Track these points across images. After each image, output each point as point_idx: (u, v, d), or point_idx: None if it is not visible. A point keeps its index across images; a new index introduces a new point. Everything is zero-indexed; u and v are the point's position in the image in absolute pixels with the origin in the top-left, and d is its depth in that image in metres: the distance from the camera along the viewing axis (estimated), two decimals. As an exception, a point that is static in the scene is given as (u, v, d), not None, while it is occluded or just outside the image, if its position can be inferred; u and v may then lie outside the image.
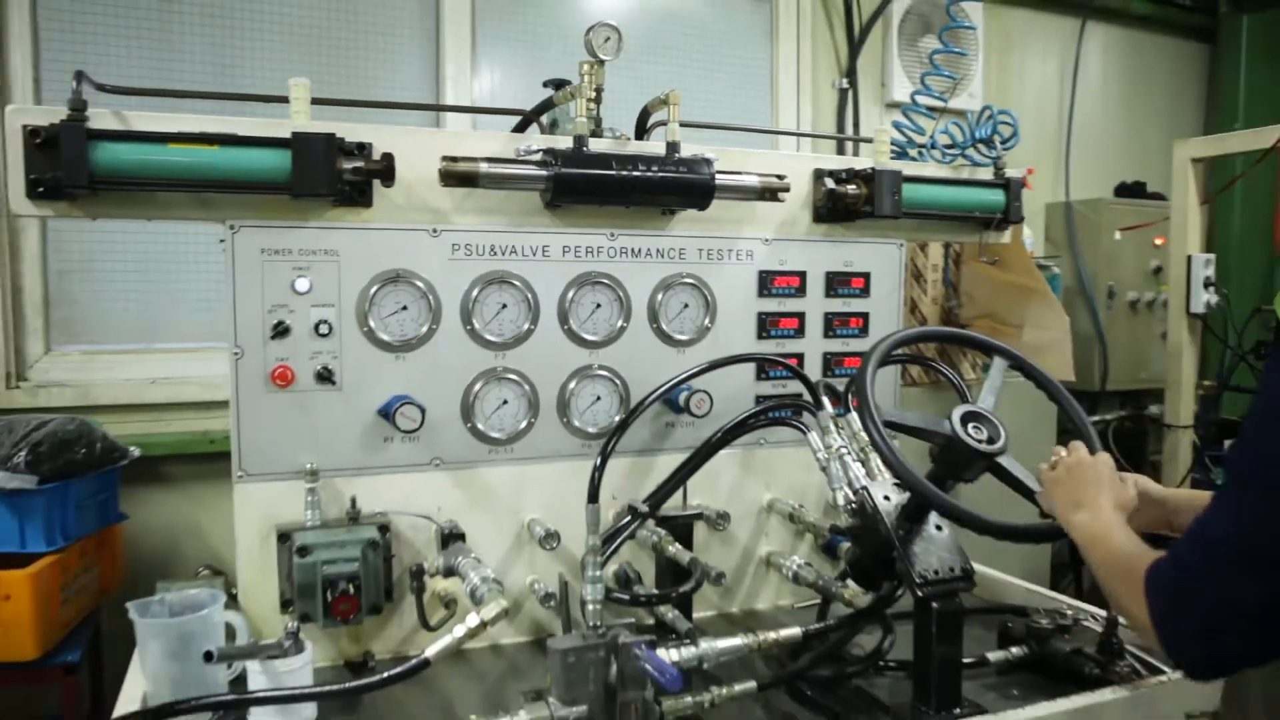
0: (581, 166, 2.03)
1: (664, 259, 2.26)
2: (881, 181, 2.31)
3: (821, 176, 2.35)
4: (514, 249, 2.11)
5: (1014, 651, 1.96)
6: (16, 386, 2.99)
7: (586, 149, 2.05)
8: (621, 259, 2.22)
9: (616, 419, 2.21)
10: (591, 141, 2.08)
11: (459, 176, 1.96)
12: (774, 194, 2.25)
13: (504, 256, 2.11)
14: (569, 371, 2.19)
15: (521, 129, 2.35)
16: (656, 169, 2.09)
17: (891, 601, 1.86)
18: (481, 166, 1.97)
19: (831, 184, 2.34)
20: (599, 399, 2.22)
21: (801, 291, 2.40)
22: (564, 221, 2.16)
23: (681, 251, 2.27)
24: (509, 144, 2.08)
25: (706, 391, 2.19)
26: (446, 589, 1.99)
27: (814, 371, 2.41)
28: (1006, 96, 4.68)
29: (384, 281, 2.01)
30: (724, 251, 2.31)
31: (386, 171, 1.91)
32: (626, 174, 2.05)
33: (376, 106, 3.09)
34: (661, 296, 2.25)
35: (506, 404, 2.14)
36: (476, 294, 2.09)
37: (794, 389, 2.36)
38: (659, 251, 2.25)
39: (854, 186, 2.33)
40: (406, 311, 2.04)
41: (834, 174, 2.36)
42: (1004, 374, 1.89)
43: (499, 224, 2.10)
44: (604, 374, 2.22)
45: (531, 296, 2.14)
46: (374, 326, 2.01)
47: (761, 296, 2.36)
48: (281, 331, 1.94)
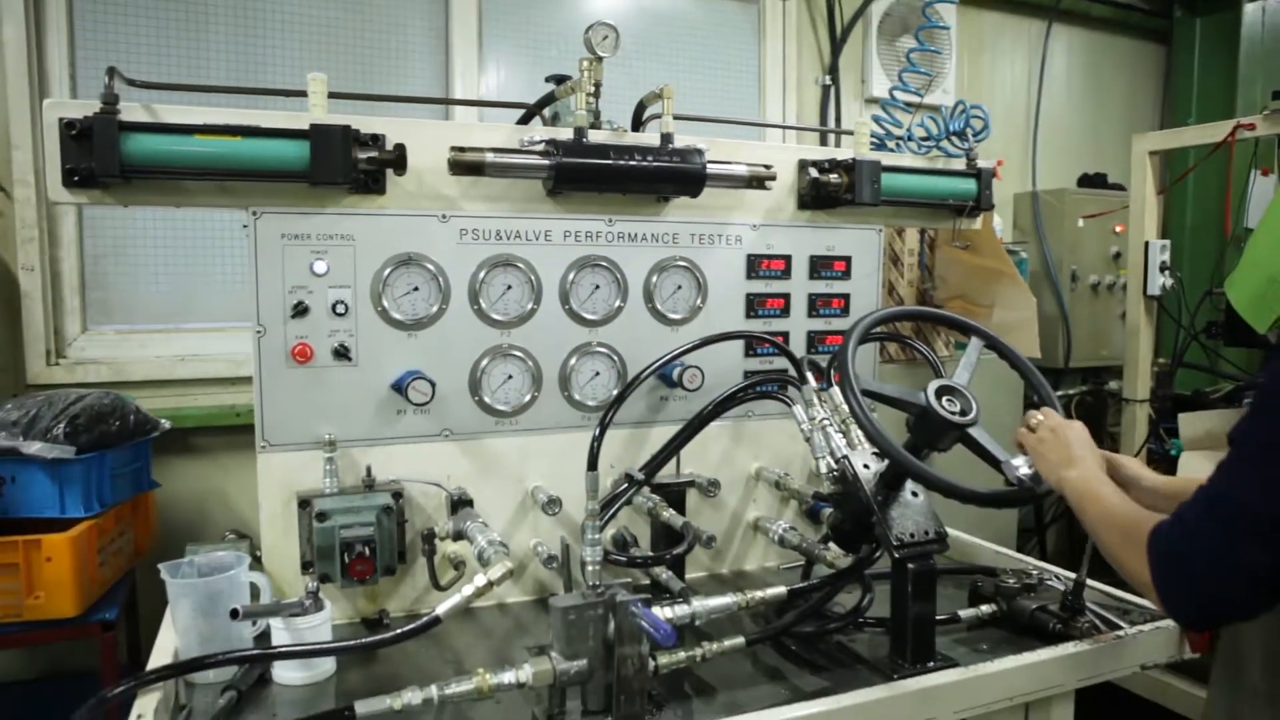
0: (581, 156, 2.01)
1: (658, 243, 2.23)
2: (861, 171, 2.29)
3: (805, 166, 2.33)
4: (518, 234, 2.09)
5: (983, 609, 1.96)
6: (56, 364, 2.97)
7: (586, 140, 2.03)
8: (619, 243, 2.19)
9: (614, 393, 2.19)
10: (591, 133, 2.06)
11: (466, 165, 1.94)
12: (761, 182, 2.22)
13: (509, 241, 2.09)
14: (570, 348, 2.17)
15: (525, 121, 2.32)
16: (651, 159, 2.06)
17: (870, 563, 1.86)
18: (488, 156, 1.94)
19: (815, 173, 2.32)
20: (598, 374, 2.21)
21: (787, 274, 2.38)
22: (565, 208, 2.13)
23: (675, 236, 2.25)
24: (513, 135, 2.05)
25: (698, 367, 2.18)
26: (456, 551, 1.99)
27: (799, 349, 2.40)
28: (978, 93, 4.66)
29: (397, 264, 1.99)
30: (714, 236, 2.29)
31: (399, 161, 1.89)
32: (623, 163, 2.03)
33: (390, 100, 3.07)
34: (656, 278, 2.23)
35: (511, 379, 2.12)
36: (483, 276, 2.07)
37: (780, 365, 2.35)
38: (654, 236, 2.23)
39: (836, 176, 2.31)
40: (418, 292, 2.02)
41: (817, 164, 2.33)
42: (979, 352, 1.87)
43: (504, 210, 2.08)
44: (602, 351, 2.20)
45: (534, 278, 2.11)
46: (387, 306, 1.99)
47: (749, 278, 2.34)
48: (301, 311, 1.93)
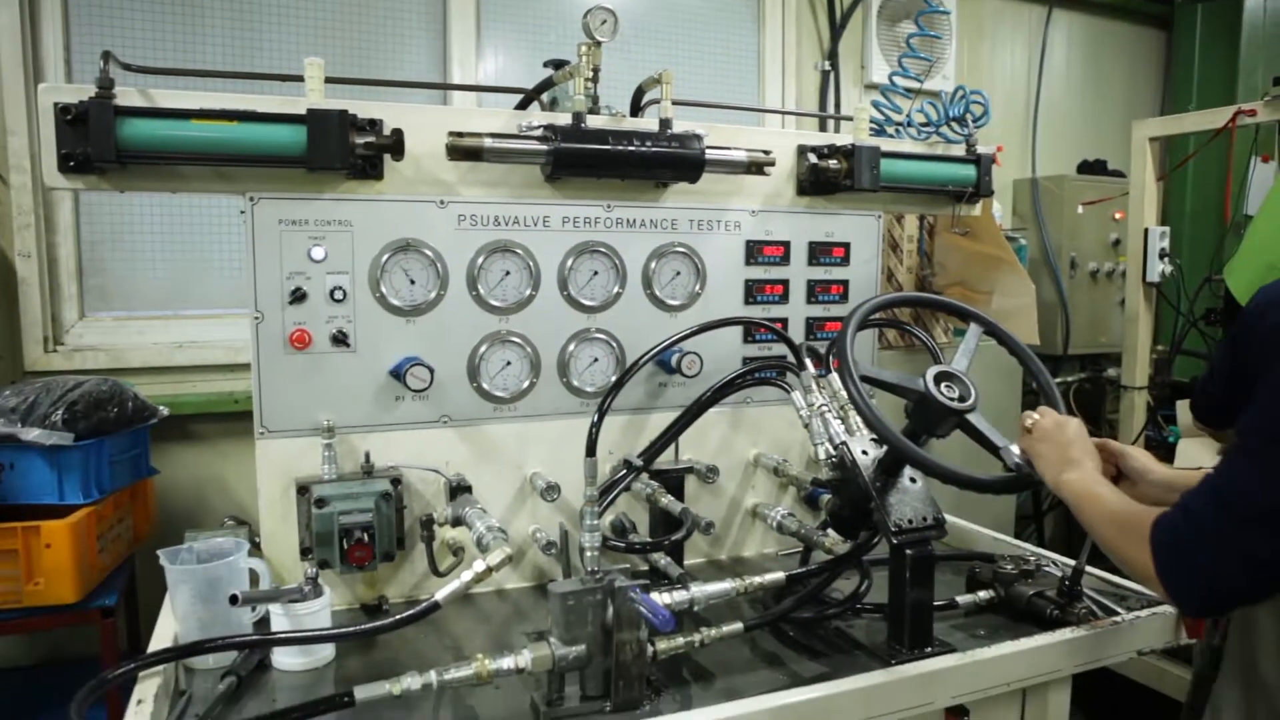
0: (580, 141, 2.00)
1: (657, 229, 2.23)
2: (861, 157, 2.29)
3: (805, 152, 2.32)
4: (516, 219, 2.08)
5: (981, 595, 1.96)
6: (54, 350, 2.96)
7: (584, 125, 2.02)
8: (617, 229, 2.19)
9: (613, 379, 2.19)
10: (589, 118, 2.05)
11: (465, 151, 1.93)
12: (760, 168, 2.21)
13: (507, 227, 2.08)
14: (568, 335, 2.17)
15: (523, 106, 2.31)
16: (650, 144, 2.05)
17: (868, 549, 1.85)
18: (486, 141, 1.93)
19: (814, 159, 2.31)
20: (596, 360, 2.20)
21: (786, 260, 2.38)
22: (563, 194, 2.12)
23: (674, 222, 2.24)
24: (511, 120, 2.04)
25: (697, 353, 2.18)
26: (455, 537, 1.99)
27: (797, 335, 2.39)
28: (978, 79, 4.64)
29: (394, 250, 1.98)
30: (713, 222, 2.28)
31: (396, 146, 1.89)
32: (622, 149, 2.02)
33: (387, 85, 3.05)
34: (655, 264, 2.23)
35: (510, 365, 2.12)
36: (481, 262, 2.06)
37: (779, 351, 2.35)
38: (652, 222, 2.22)
39: (835, 161, 2.31)
40: (415, 278, 2.01)
41: (816, 150, 2.32)
42: (978, 339, 1.86)
43: (502, 196, 2.07)
44: (601, 337, 2.20)
45: (533, 264, 2.11)
46: (385, 292, 1.98)
47: (748, 264, 2.34)
48: (299, 297, 1.92)
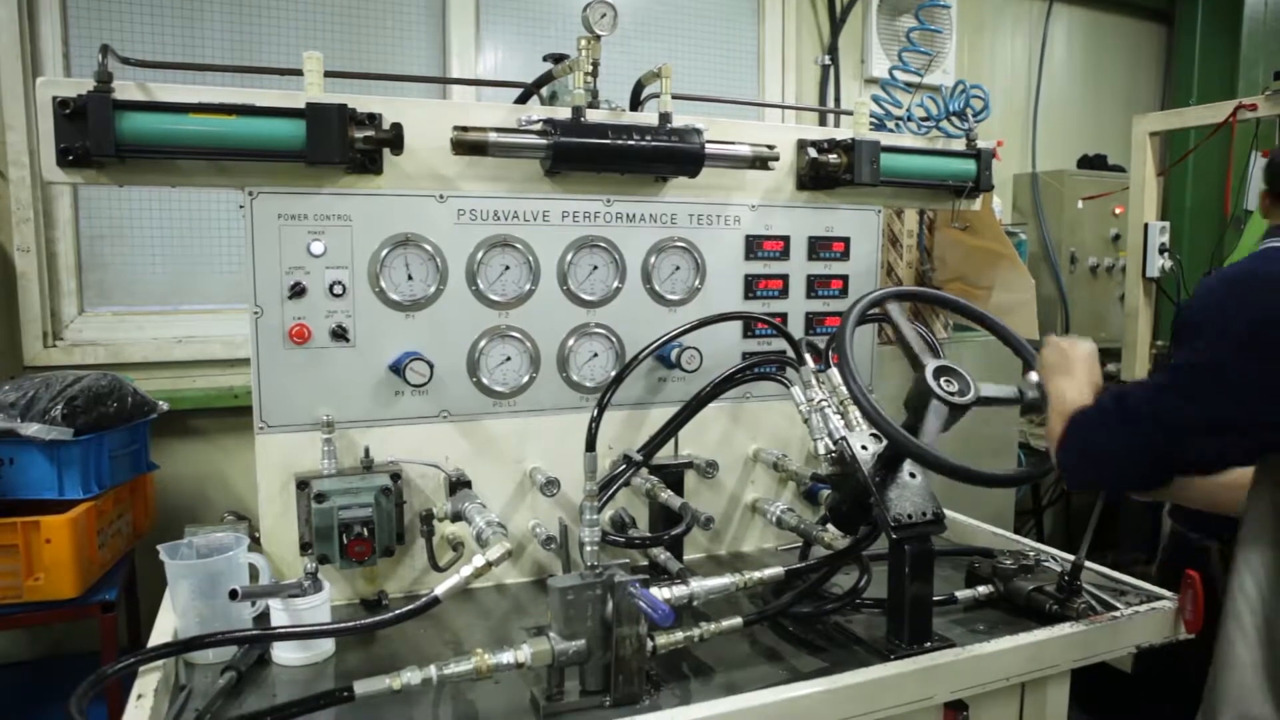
0: (579, 136, 1.99)
1: (657, 224, 2.22)
2: (861, 151, 2.28)
3: (805, 146, 2.31)
4: (516, 214, 2.08)
5: (980, 590, 1.96)
6: (53, 345, 2.96)
7: (584, 119, 2.01)
8: (617, 224, 2.18)
9: (612, 374, 2.18)
10: (589, 112, 2.04)
11: (470, 145, 1.93)
12: (765, 163, 2.21)
13: (506, 221, 2.07)
14: (568, 329, 2.16)
15: (523, 101, 2.30)
16: (650, 138, 2.05)
17: (868, 544, 1.85)
18: (491, 136, 1.93)
19: (814, 153, 2.30)
20: (596, 355, 2.20)
21: (785, 255, 2.37)
22: (563, 188, 2.12)
23: (673, 217, 2.24)
24: (511, 115, 2.04)
25: (696, 348, 2.17)
26: (454, 532, 1.99)
27: (797, 330, 2.39)
28: (978, 73, 4.64)
29: (394, 245, 1.98)
30: (713, 217, 2.28)
31: (396, 140, 1.88)
32: (621, 143, 2.02)
33: (386, 79, 3.05)
34: (654, 259, 2.22)
35: (509, 360, 2.12)
36: (481, 256, 2.05)
37: (778, 346, 2.34)
38: (652, 217, 2.22)
39: (835, 156, 2.30)
40: (415, 273, 2.01)
41: (816, 144, 2.32)
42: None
43: (502, 190, 2.06)
44: (601, 332, 2.19)
45: (532, 259, 2.10)
46: (385, 287, 1.98)
47: (748, 259, 2.33)
48: (298, 292, 1.92)
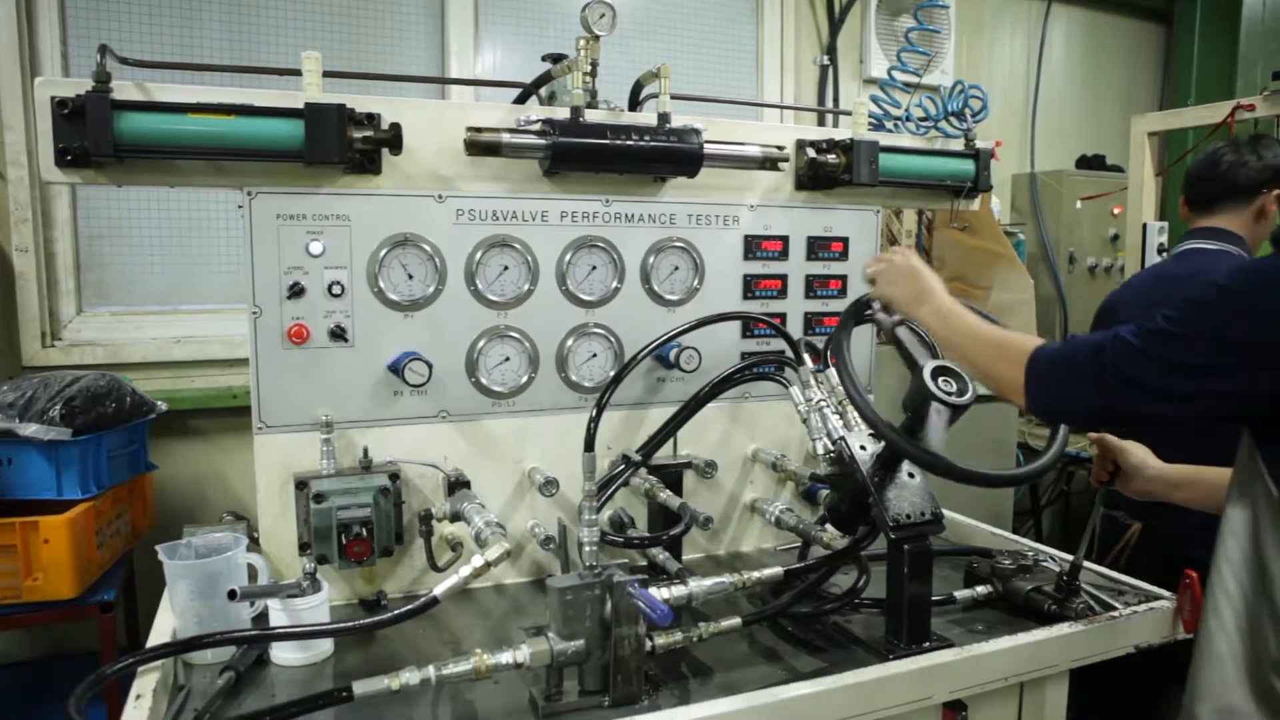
0: (578, 136, 1.99)
1: (655, 224, 2.22)
2: (859, 151, 2.28)
3: (803, 147, 2.31)
4: (515, 214, 2.08)
5: (979, 590, 1.96)
6: (51, 345, 2.96)
7: (583, 119, 2.01)
8: (616, 224, 2.18)
9: (611, 374, 2.18)
10: (587, 112, 2.03)
11: (483, 146, 1.94)
12: (774, 164, 2.22)
13: (505, 221, 2.07)
14: (567, 329, 2.16)
15: (522, 101, 2.30)
16: (648, 139, 2.05)
17: (866, 544, 1.86)
18: (504, 137, 1.94)
19: (813, 154, 2.30)
20: (595, 355, 2.20)
21: (784, 255, 2.37)
22: (561, 188, 2.12)
23: (672, 217, 2.24)
24: (510, 115, 2.04)
25: (695, 348, 2.17)
26: (453, 533, 1.99)
27: (796, 330, 2.39)
28: (977, 73, 4.64)
29: (393, 245, 1.98)
30: (711, 217, 2.28)
31: (394, 140, 1.88)
32: (620, 143, 2.02)
33: (385, 79, 3.04)
34: (653, 259, 2.22)
35: (508, 360, 2.12)
36: (480, 256, 2.05)
37: (777, 346, 2.33)
38: (651, 217, 2.22)
39: (834, 156, 2.30)
40: (413, 273, 2.01)
41: (815, 144, 2.32)
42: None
43: (500, 190, 2.06)
44: (599, 332, 2.19)
45: (531, 259, 2.10)
46: (384, 287, 1.98)
47: (747, 259, 2.33)
48: (297, 292, 1.91)
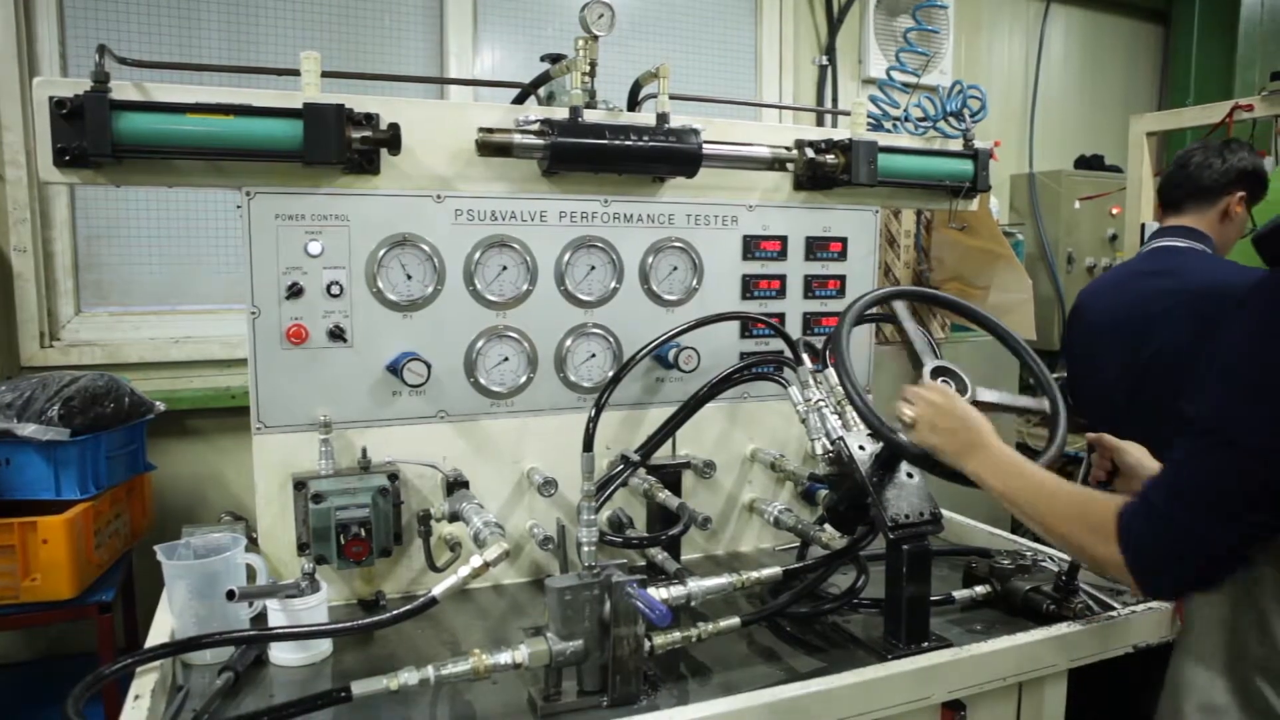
0: (577, 136, 1.99)
1: (654, 224, 2.22)
2: (858, 152, 2.28)
3: (802, 147, 2.31)
4: (513, 214, 2.08)
5: (977, 590, 1.96)
6: (50, 346, 2.95)
7: (582, 120, 2.01)
8: (614, 224, 2.18)
9: (610, 374, 2.18)
10: (586, 113, 2.03)
11: (495, 146, 1.95)
12: (783, 164, 2.23)
13: (504, 221, 2.07)
14: (565, 330, 2.16)
15: (520, 101, 2.30)
16: (647, 139, 2.05)
17: (865, 544, 1.86)
18: (515, 138, 1.95)
19: (811, 154, 2.30)
20: (593, 355, 2.20)
21: (783, 255, 2.37)
22: (560, 188, 2.12)
23: (670, 217, 2.24)
24: (509, 115, 2.03)
25: (694, 348, 2.17)
26: (452, 533, 1.99)
27: (794, 330, 2.39)
28: (975, 74, 4.64)
29: (391, 245, 1.98)
30: (710, 217, 2.28)
31: (393, 141, 1.88)
32: (619, 143, 2.02)
33: (384, 79, 3.05)
34: (652, 259, 2.22)
35: (507, 360, 2.11)
36: (478, 257, 2.05)
37: (776, 346, 2.34)
38: (649, 217, 2.22)
39: (832, 156, 2.30)
40: (412, 273, 2.01)
41: (814, 144, 2.32)
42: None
43: (499, 191, 2.06)
44: (598, 332, 2.19)
45: (530, 259, 2.10)
46: (382, 287, 1.98)
47: (745, 259, 2.33)
48: (295, 292, 1.91)
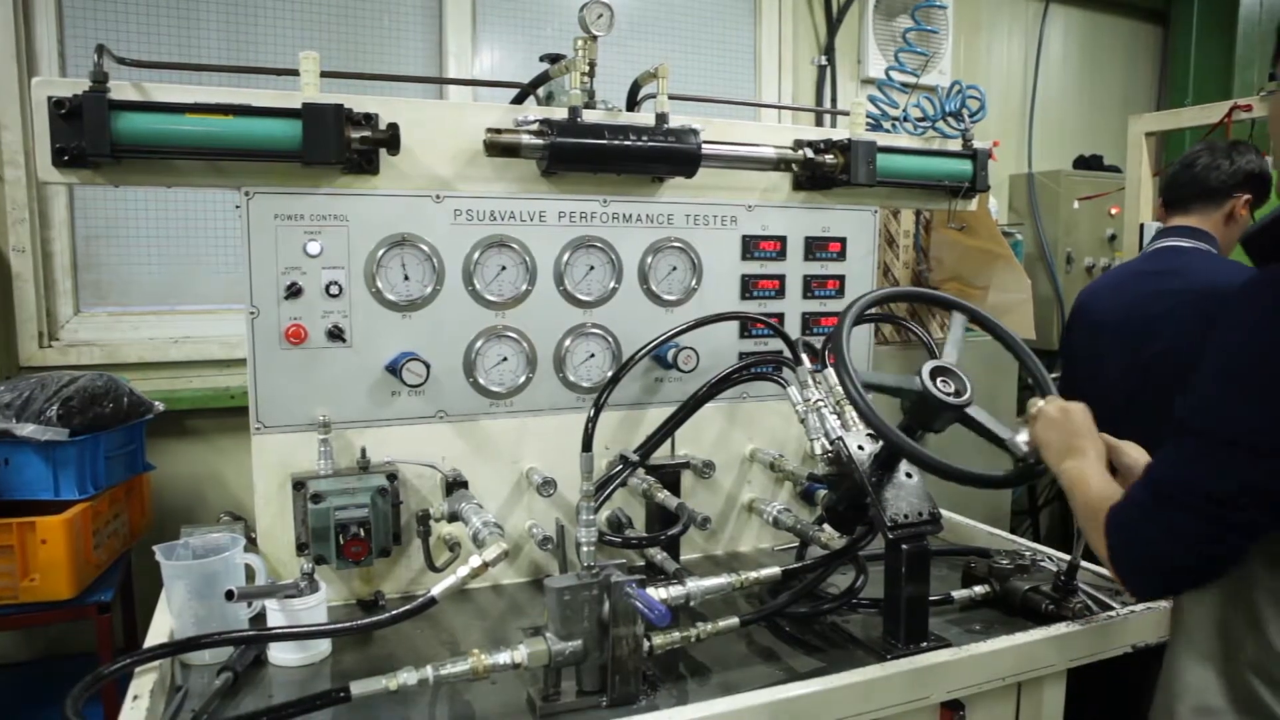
0: (576, 136, 1.99)
1: (653, 224, 2.22)
2: (857, 152, 2.28)
3: (801, 147, 2.31)
4: (512, 214, 2.08)
5: (976, 590, 1.96)
6: (49, 346, 2.95)
7: (581, 120, 2.01)
8: (613, 224, 2.18)
9: (609, 374, 2.18)
10: (585, 113, 2.03)
11: (503, 147, 1.96)
12: (789, 165, 2.24)
13: (503, 221, 2.07)
14: (564, 330, 2.16)
15: (519, 101, 2.30)
16: (646, 139, 2.05)
17: (864, 544, 1.86)
18: (523, 138, 1.95)
19: (810, 154, 2.30)
20: (592, 355, 2.20)
21: (782, 255, 2.37)
22: (559, 188, 2.12)
23: (670, 217, 2.24)
24: (508, 115, 2.04)
25: (693, 348, 2.17)
26: (451, 533, 1.99)
27: (794, 330, 2.39)
28: (974, 74, 4.64)
29: (390, 245, 1.98)
30: (709, 217, 2.28)
31: (392, 141, 1.88)
32: (618, 143, 2.02)
33: (383, 79, 3.05)
34: (651, 259, 2.22)
35: (506, 360, 2.12)
36: (477, 257, 2.05)
37: (775, 346, 2.34)
38: (649, 217, 2.22)
39: (831, 156, 2.30)
40: (411, 273, 2.01)
41: (813, 144, 2.32)
42: (964, 328, 1.87)
43: (498, 191, 2.06)
44: (597, 332, 2.19)
45: (529, 259, 2.10)
46: (381, 287, 1.98)
47: (744, 259, 2.33)
48: (294, 292, 1.91)
